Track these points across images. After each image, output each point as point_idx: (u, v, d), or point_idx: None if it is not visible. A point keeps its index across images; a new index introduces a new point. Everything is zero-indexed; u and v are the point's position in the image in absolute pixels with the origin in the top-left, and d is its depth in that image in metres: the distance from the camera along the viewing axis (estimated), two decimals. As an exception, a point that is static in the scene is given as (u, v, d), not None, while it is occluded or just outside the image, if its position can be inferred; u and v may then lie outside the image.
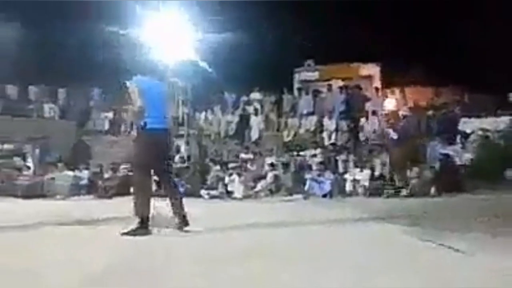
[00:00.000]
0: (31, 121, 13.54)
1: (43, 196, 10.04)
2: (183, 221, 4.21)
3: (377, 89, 13.88)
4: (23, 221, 5.15)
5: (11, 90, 14.41)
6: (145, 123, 4.14)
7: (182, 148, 12.58)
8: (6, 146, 11.78)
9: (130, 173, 11.14)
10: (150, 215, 4.11)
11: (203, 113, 14.43)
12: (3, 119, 12.79)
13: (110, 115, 13.99)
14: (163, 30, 11.59)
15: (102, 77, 13.50)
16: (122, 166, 11.29)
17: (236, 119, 13.92)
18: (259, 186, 10.30)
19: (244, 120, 13.76)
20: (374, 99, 13.22)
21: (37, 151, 11.80)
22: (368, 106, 12.80)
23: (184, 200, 4.44)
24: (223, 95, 14.88)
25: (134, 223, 4.06)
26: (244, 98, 14.53)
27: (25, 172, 11.21)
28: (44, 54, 13.29)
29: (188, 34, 12.13)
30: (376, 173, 9.93)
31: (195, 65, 12.55)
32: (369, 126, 12.49)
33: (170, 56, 11.62)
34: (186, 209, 4.27)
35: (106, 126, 13.92)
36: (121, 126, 13.82)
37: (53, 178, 10.45)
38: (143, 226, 4.06)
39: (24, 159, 11.95)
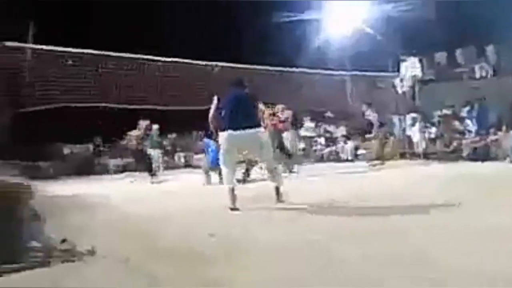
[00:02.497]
0: (463, 84, 13.58)
1: (490, 159, 9.74)
2: None
3: None
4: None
5: (440, 57, 14.97)
6: None
7: None
8: (444, 111, 12.36)
9: None
10: None
11: None
12: (437, 86, 13.51)
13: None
14: None
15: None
16: None
17: None
18: None
19: None
20: None
21: (475, 113, 11.63)
22: None
23: None
24: None
25: None
26: None
27: (466, 136, 11.33)
28: (473, 15, 12.81)
29: None
30: None
31: None
32: None
33: None
34: None
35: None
36: None
37: (496, 140, 9.95)
38: None
39: (463, 122, 12.12)
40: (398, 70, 12.44)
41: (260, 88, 12.27)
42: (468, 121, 11.78)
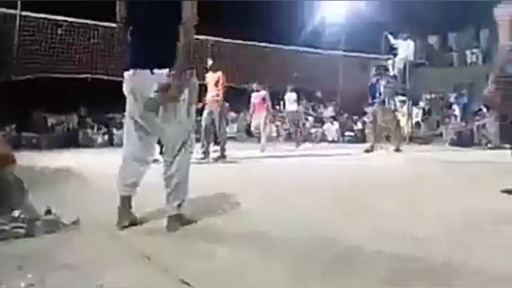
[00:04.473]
0: (453, 69, 13.64)
1: (474, 144, 9.93)
2: None
3: None
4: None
5: (432, 40, 14.96)
6: None
7: None
8: (433, 95, 12.47)
9: None
10: None
11: None
12: (428, 70, 13.54)
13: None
14: None
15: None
16: None
17: None
18: None
19: None
20: None
21: (463, 99, 11.77)
22: None
23: None
24: None
25: None
26: None
27: (452, 121, 11.48)
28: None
29: None
30: None
31: None
32: None
33: None
34: None
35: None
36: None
37: (483, 126, 10.11)
38: None
39: (450, 107, 12.26)
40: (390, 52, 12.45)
41: (247, 66, 12.11)
42: (455, 106, 11.93)
